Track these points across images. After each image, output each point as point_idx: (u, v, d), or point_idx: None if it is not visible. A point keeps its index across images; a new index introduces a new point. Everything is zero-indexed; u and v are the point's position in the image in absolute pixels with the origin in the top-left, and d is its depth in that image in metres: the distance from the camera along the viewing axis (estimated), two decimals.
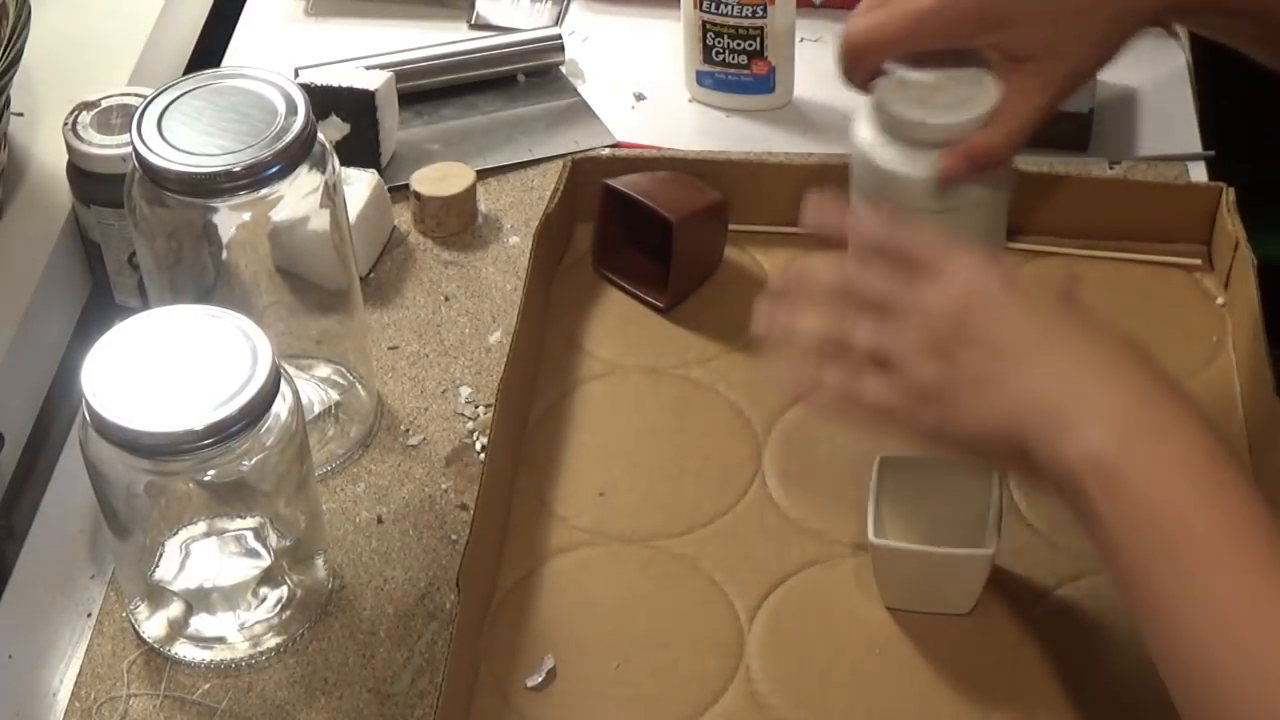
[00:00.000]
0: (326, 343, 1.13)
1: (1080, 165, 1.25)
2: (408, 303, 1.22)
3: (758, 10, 1.31)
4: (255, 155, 0.98)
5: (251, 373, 0.92)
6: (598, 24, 1.44)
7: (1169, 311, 1.19)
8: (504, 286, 1.22)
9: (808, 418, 1.14)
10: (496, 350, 1.18)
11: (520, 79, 1.39)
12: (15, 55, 1.12)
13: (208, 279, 1.05)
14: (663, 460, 1.12)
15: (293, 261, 1.08)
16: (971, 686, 1.00)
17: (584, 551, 1.07)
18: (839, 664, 1.01)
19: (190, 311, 0.96)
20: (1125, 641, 1.01)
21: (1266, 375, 1.09)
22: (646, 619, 1.04)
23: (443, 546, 1.07)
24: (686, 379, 1.17)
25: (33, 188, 1.23)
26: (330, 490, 1.10)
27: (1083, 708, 0.99)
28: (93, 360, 0.92)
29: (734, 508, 1.09)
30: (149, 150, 0.98)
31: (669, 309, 1.21)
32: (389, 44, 1.38)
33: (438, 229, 1.26)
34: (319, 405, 1.13)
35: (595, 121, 1.35)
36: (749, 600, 1.04)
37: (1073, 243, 1.23)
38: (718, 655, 1.02)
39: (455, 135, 1.34)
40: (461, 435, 1.13)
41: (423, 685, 1.00)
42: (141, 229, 1.03)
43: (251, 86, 1.01)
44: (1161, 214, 1.22)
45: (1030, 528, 1.07)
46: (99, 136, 1.17)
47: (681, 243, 1.18)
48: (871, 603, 1.03)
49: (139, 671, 1.01)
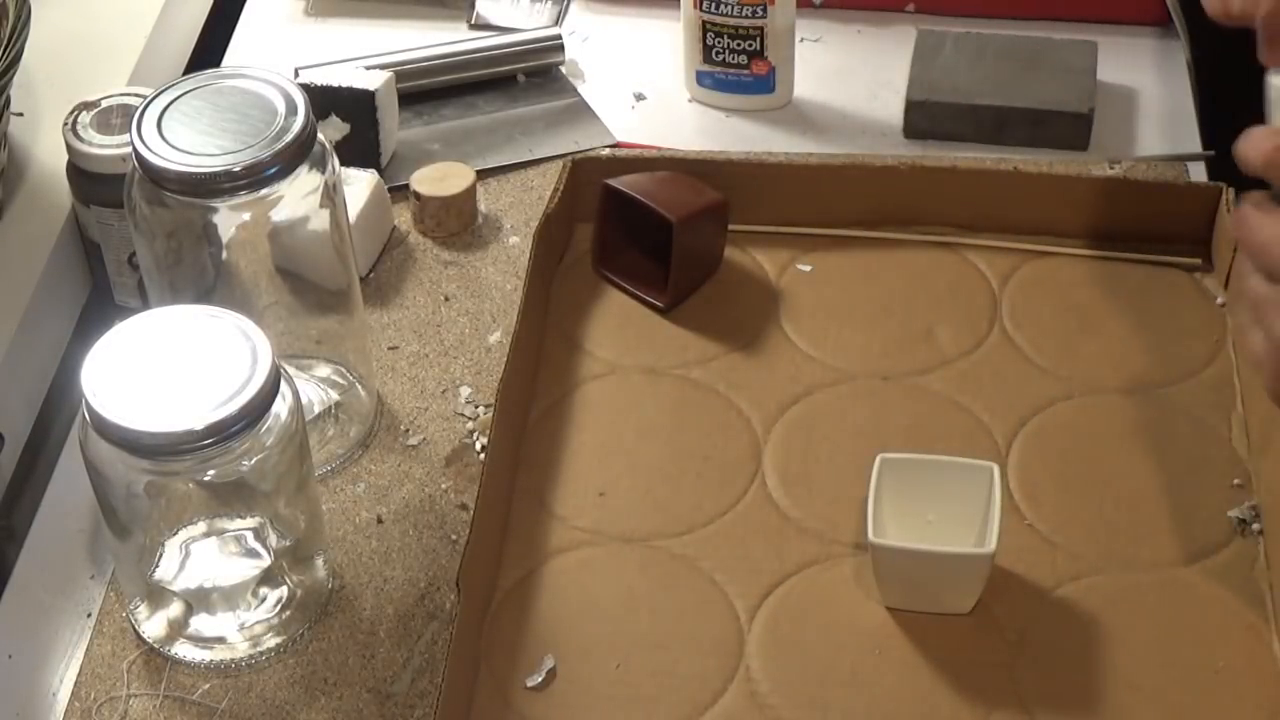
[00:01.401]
0: (326, 343, 1.13)
1: (1080, 165, 1.25)
2: (408, 303, 1.22)
3: (758, 10, 1.31)
4: (255, 155, 0.98)
5: (251, 373, 0.92)
6: (598, 24, 1.45)
7: (1169, 311, 1.19)
8: (504, 286, 1.22)
9: (808, 418, 1.14)
10: (496, 350, 1.18)
11: (520, 79, 1.39)
12: (15, 55, 1.13)
13: (208, 279, 1.05)
14: (663, 460, 1.12)
15: (293, 261, 1.08)
16: (971, 686, 1.00)
17: (584, 551, 1.07)
18: (839, 664, 1.01)
19: (190, 311, 0.96)
20: (1125, 641, 1.01)
21: None
22: (646, 619, 1.04)
23: (443, 546, 1.07)
24: (686, 379, 1.17)
25: (33, 188, 1.23)
26: (330, 490, 1.10)
27: (1082, 708, 0.99)
28: (93, 360, 0.92)
29: (734, 508, 1.09)
30: (149, 150, 0.98)
31: (669, 309, 1.21)
32: (389, 44, 1.38)
33: (438, 229, 1.26)
34: (319, 405, 1.13)
35: (595, 121, 1.35)
36: (749, 600, 1.04)
37: (1073, 243, 1.24)
38: (718, 655, 1.02)
39: (455, 135, 1.34)
40: (461, 435, 1.13)
41: (423, 685, 1.00)
42: (141, 229, 1.03)
43: (251, 86, 1.01)
44: (1161, 214, 1.22)
45: (1030, 528, 1.07)
46: (99, 136, 1.17)
47: (681, 243, 1.18)
48: (871, 603, 1.03)
49: (139, 671, 1.01)
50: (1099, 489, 1.09)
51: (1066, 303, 1.20)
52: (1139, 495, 1.09)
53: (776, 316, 1.20)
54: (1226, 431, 1.12)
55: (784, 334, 1.19)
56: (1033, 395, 1.14)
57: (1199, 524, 1.07)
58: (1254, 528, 1.07)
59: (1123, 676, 1.00)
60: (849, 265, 1.23)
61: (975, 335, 1.16)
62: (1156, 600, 1.03)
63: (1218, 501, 1.08)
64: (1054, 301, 1.20)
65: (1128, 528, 1.07)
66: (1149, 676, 1.00)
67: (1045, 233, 1.24)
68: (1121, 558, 1.06)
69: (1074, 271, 1.22)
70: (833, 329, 1.19)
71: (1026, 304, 1.20)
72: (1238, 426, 1.12)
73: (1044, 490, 1.09)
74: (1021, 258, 1.23)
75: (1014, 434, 1.12)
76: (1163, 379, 1.15)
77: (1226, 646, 1.01)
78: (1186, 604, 1.03)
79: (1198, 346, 1.17)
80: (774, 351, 1.18)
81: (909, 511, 1.04)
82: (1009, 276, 1.22)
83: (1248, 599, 1.03)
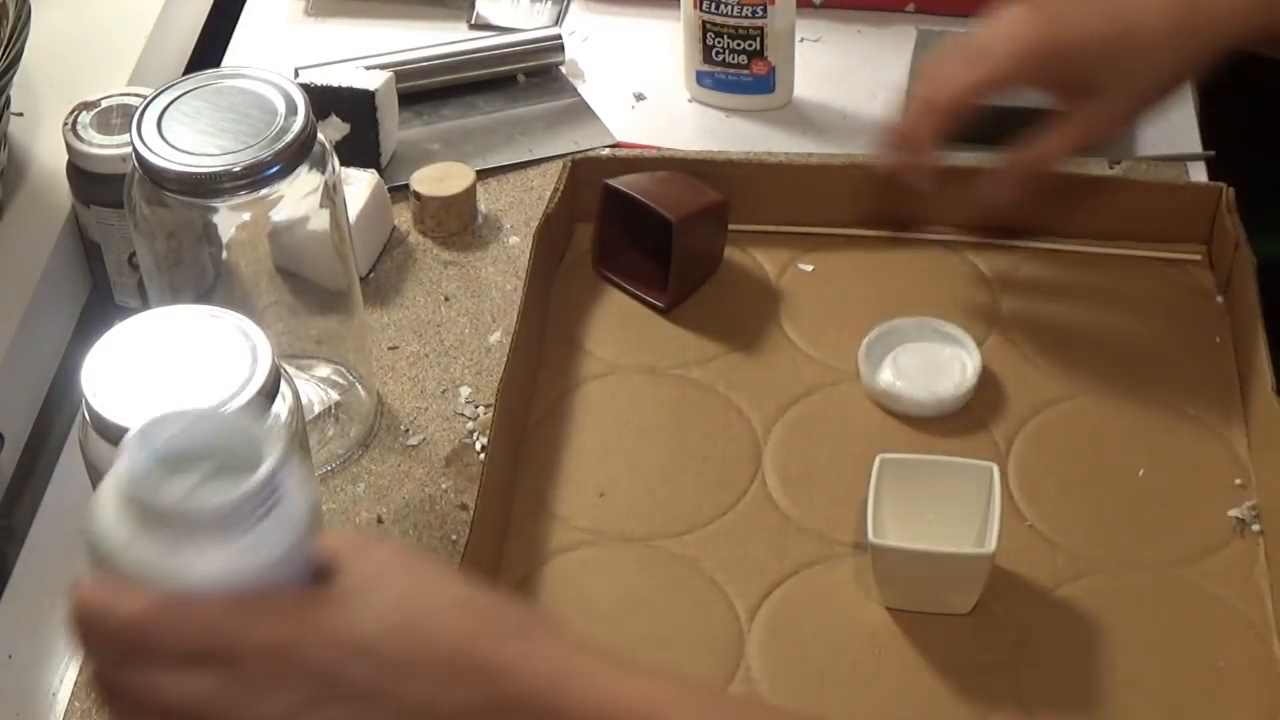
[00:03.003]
0: (326, 343, 1.13)
1: (1080, 165, 1.25)
2: (408, 303, 1.22)
3: (758, 10, 1.31)
4: (255, 155, 0.98)
5: (251, 373, 0.91)
6: (598, 24, 1.45)
7: (1169, 311, 1.19)
8: (504, 286, 1.22)
9: (808, 418, 1.14)
10: (496, 350, 1.18)
11: (520, 79, 1.39)
12: (15, 55, 1.12)
13: (208, 279, 1.05)
14: (663, 460, 1.12)
15: (293, 261, 1.08)
16: (971, 686, 1.00)
17: (584, 551, 1.07)
18: (839, 664, 1.01)
19: (190, 311, 0.96)
20: (1125, 641, 1.01)
21: (1266, 375, 1.09)
22: (646, 619, 1.04)
23: (443, 546, 1.07)
24: (686, 379, 1.17)
25: (33, 188, 1.23)
26: (330, 490, 1.10)
27: (1082, 708, 0.99)
28: (93, 360, 0.92)
29: (734, 508, 1.09)
30: (149, 150, 0.98)
31: (669, 309, 1.21)
32: (389, 44, 1.38)
33: (438, 229, 1.26)
34: (319, 405, 1.13)
35: (595, 121, 1.35)
36: (749, 600, 1.04)
37: (1073, 242, 1.24)
38: (718, 655, 1.02)
39: (455, 135, 1.34)
40: (461, 435, 1.13)
41: None
42: (141, 229, 1.03)
43: (251, 86, 1.01)
44: (1161, 214, 1.22)
45: (1030, 528, 1.07)
46: (99, 136, 1.17)
47: (681, 243, 1.18)
48: (871, 603, 1.03)
49: None
50: (1099, 489, 1.09)
51: (1066, 302, 1.20)
52: (1139, 495, 1.09)
53: (776, 316, 1.20)
54: (1226, 431, 1.12)
55: (784, 334, 1.19)
56: (1033, 395, 1.14)
57: (1199, 524, 1.07)
58: (1254, 528, 1.07)
59: (1123, 676, 1.00)
60: (849, 265, 1.23)
61: (975, 335, 1.16)
62: (1156, 600, 1.03)
63: (1218, 501, 1.08)
64: (1054, 301, 1.20)
65: (1128, 528, 1.07)
66: (1149, 676, 1.00)
67: (1045, 233, 1.24)
68: (1121, 558, 1.05)
69: (1074, 271, 1.22)
70: (833, 329, 1.19)
71: (1026, 304, 1.20)
72: (1238, 426, 1.12)
73: (1044, 490, 1.09)
74: (1021, 258, 1.23)
75: (1014, 434, 1.12)
76: (1163, 379, 1.15)
77: (1226, 646, 1.01)
78: (1186, 604, 1.03)
79: (1198, 346, 1.17)
80: (774, 351, 1.18)
81: (909, 511, 1.04)
82: (1009, 276, 1.22)
83: (1248, 599, 1.03)
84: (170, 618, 0.71)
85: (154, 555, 0.71)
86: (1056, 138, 1.10)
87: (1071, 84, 1.09)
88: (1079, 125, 1.10)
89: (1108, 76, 1.08)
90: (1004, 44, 1.09)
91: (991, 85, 1.10)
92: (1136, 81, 1.09)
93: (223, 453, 0.74)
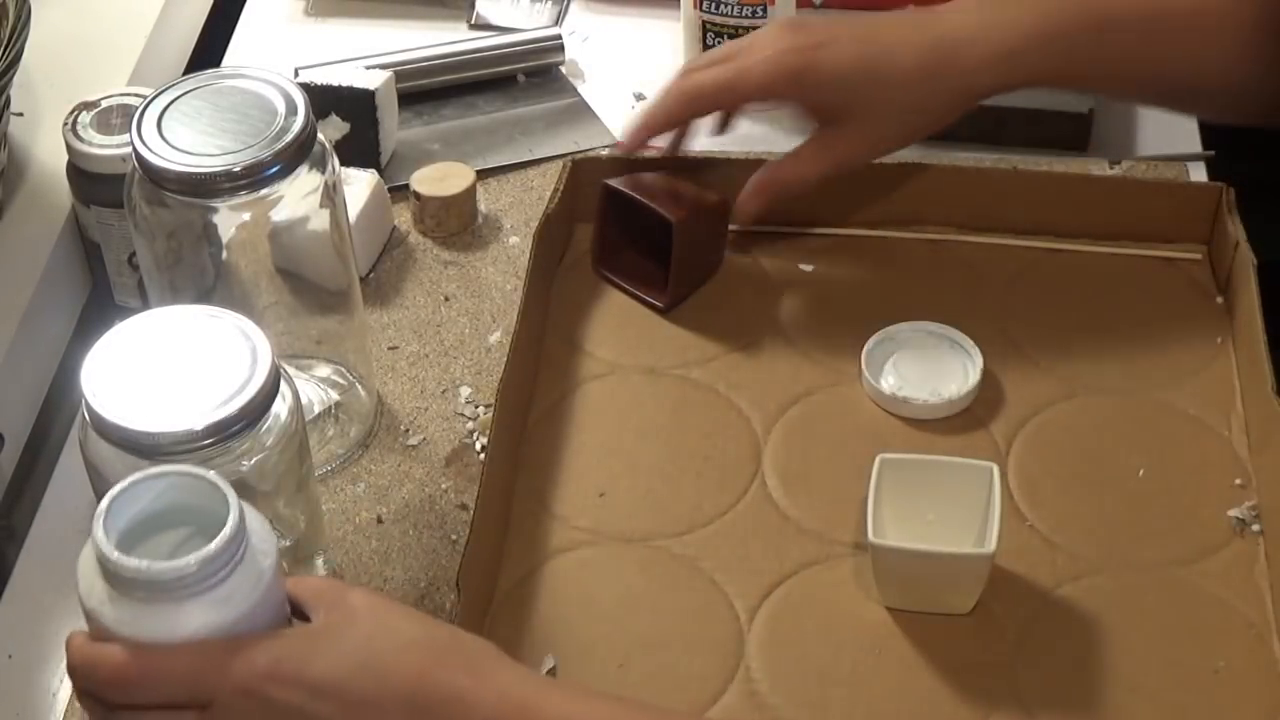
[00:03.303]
0: (326, 343, 1.13)
1: (1080, 165, 1.25)
2: (408, 303, 1.22)
3: (758, 10, 1.31)
4: (255, 155, 0.98)
5: (251, 373, 0.91)
6: (598, 24, 1.45)
7: (1169, 311, 1.19)
8: (504, 286, 1.22)
9: (808, 418, 1.14)
10: (496, 350, 1.18)
11: (520, 79, 1.39)
12: (15, 55, 1.12)
13: (208, 279, 1.05)
14: (663, 460, 1.12)
15: (293, 261, 1.08)
16: (971, 686, 1.00)
17: (584, 551, 1.07)
18: (839, 664, 1.01)
19: (190, 311, 0.96)
20: (1125, 641, 1.01)
21: (1266, 375, 1.09)
22: (646, 619, 1.04)
23: (443, 546, 1.07)
24: (686, 379, 1.17)
25: (33, 188, 1.23)
26: (330, 490, 1.10)
27: (1082, 708, 0.99)
28: (93, 360, 0.92)
29: (734, 508, 1.09)
30: (149, 150, 0.98)
31: (669, 309, 1.21)
32: (389, 44, 1.38)
33: (438, 229, 1.26)
34: (319, 405, 1.13)
35: (595, 121, 1.35)
36: (749, 600, 1.04)
37: (1073, 242, 1.23)
38: (718, 655, 1.02)
39: (455, 135, 1.34)
40: (461, 435, 1.13)
41: None
42: (141, 229, 1.03)
43: (251, 86, 1.01)
44: (1161, 214, 1.22)
45: (1030, 528, 1.07)
46: (99, 136, 1.17)
47: (681, 243, 1.18)
48: (871, 603, 1.03)
49: None
50: (1099, 489, 1.09)
51: (1066, 302, 1.20)
52: (1139, 495, 1.09)
53: (776, 317, 1.20)
54: (1226, 431, 1.12)
55: (784, 334, 1.19)
56: (1033, 395, 1.14)
57: (1199, 524, 1.07)
58: (1254, 528, 1.07)
59: (1123, 676, 1.00)
60: (849, 265, 1.23)
61: (975, 335, 1.16)
62: (1156, 600, 1.03)
63: (1218, 501, 1.08)
64: (1054, 301, 1.20)
65: (1128, 528, 1.07)
66: (1149, 676, 1.00)
67: (1045, 232, 1.24)
68: (1121, 558, 1.05)
69: (1074, 271, 1.22)
70: (833, 329, 1.19)
71: (1026, 304, 1.20)
72: (1238, 426, 1.12)
73: (1044, 490, 1.09)
74: (1022, 257, 1.23)
75: (1014, 434, 1.12)
76: (1163, 379, 1.15)
77: (1226, 646, 1.01)
78: (1186, 604, 1.03)
79: (1198, 346, 1.17)
80: (774, 352, 1.18)
81: (909, 512, 1.04)
82: (1009, 276, 1.22)
83: (1248, 599, 1.03)
84: (147, 672, 0.79)
85: (130, 615, 0.80)
86: (800, 160, 1.16)
87: (821, 108, 1.14)
88: (824, 150, 1.15)
89: (857, 107, 1.13)
90: (760, 63, 1.13)
91: (742, 97, 1.16)
92: (883, 116, 1.13)
93: (190, 510, 0.82)
